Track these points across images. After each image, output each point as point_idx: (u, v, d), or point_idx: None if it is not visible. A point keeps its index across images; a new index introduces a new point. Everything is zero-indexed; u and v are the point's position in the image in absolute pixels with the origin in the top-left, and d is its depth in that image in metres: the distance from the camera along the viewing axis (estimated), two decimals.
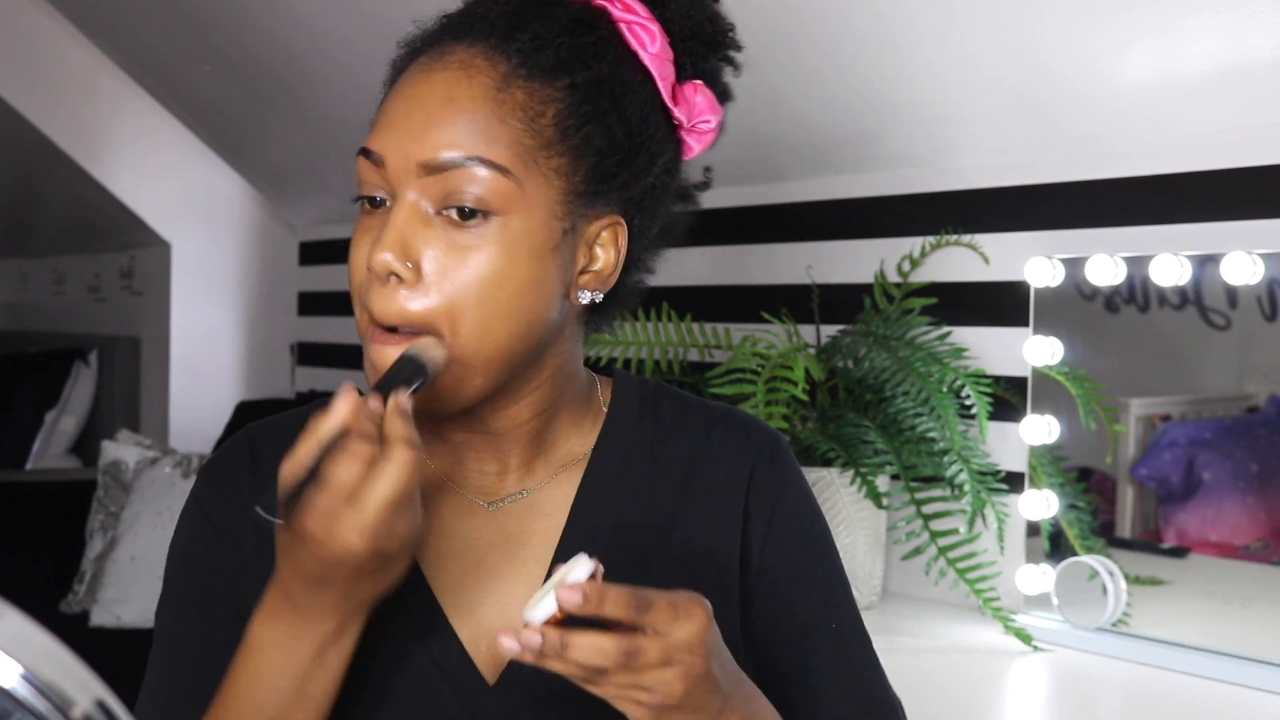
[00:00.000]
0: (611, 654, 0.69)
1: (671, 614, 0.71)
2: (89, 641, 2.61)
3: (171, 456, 2.91)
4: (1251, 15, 1.55)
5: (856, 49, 1.96)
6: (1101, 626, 1.80)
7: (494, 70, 0.81)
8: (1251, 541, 1.85)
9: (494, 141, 0.79)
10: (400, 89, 0.83)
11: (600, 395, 0.95)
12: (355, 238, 0.84)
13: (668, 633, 0.71)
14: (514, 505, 0.90)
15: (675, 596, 0.72)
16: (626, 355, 2.20)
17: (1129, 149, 1.84)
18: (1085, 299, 1.92)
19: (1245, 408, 1.91)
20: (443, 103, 0.80)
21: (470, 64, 0.81)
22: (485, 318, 0.80)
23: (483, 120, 0.79)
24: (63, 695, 0.47)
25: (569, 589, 0.68)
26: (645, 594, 0.70)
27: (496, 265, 0.79)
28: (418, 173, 0.79)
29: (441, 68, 0.81)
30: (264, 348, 4.00)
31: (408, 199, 0.80)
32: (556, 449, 0.91)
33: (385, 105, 0.84)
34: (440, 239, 0.79)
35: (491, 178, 0.79)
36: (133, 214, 3.78)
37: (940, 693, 1.64)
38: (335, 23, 2.69)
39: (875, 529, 1.97)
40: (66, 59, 3.59)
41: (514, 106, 0.80)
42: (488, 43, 0.82)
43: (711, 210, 1.03)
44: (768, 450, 0.95)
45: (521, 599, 0.86)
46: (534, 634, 0.68)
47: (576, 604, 0.68)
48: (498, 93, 0.80)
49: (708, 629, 0.72)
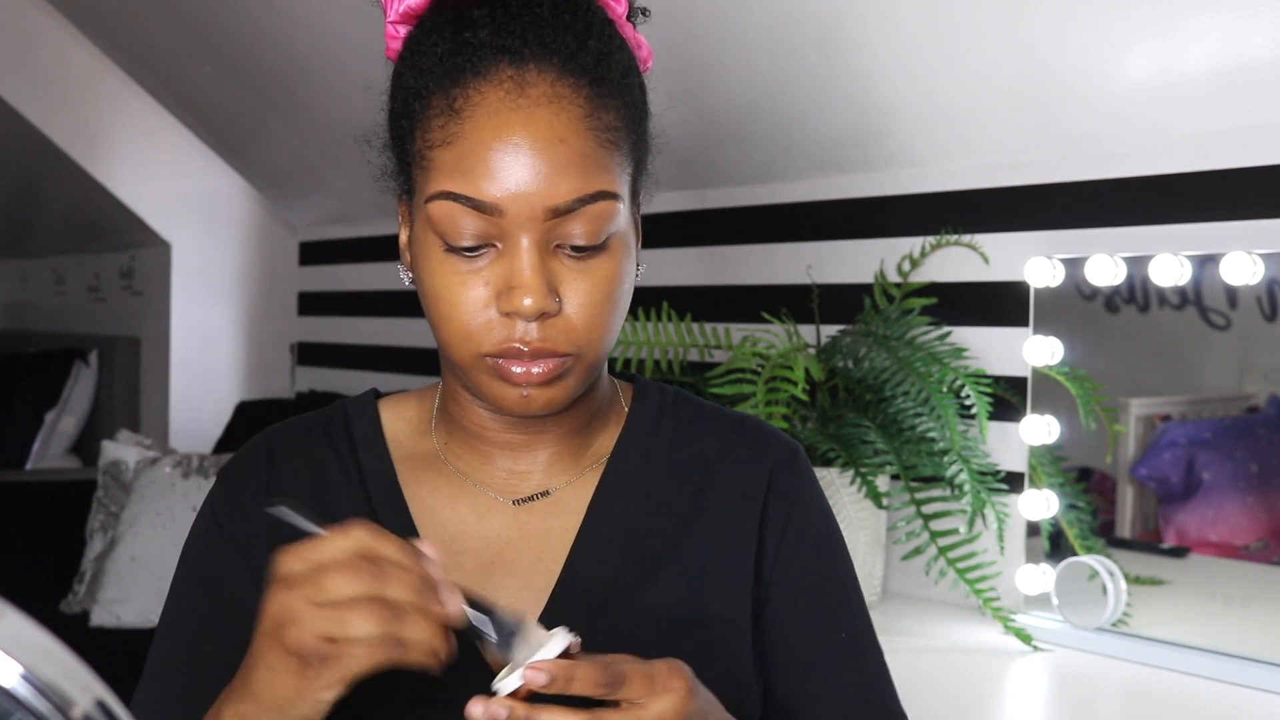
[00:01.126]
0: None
1: (647, 687, 0.70)
2: (89, 641, 2.61)
3: (171, 456, 2.91)
4: (1251, 15, 1.55)
5: (856, 49, 1.96)
6: (1101, 626, 1.80)
7: (579, 96, 0.81)
8: (1251, 541, 1.85)
9: (603, 170, 0.81)
10: (491, 126, 0.79)
11: (621, 398, 0.97)
12: (454, 279, 0.82)
13: (643, 707, 0.70)
14: (538, 504, 0.91)
15: (652, 668, 0.71)
16: (626, 355, 2.20)
17: (1129, 149, 1.84)
18: (1085, 299, 1.92)
19: (1245, 408, 1.91)
20: (553, 143, 0.79)
21: (557, 96, 0.80)
22: (614, 325, 0.85)
23: (590, 153, 0.80)
24: (63, 695, 0.47)
25: (535, 668, 0.68)
26: (618, 668, 0.70)
27: (618, 281, 0.84)
28: (544, 216, 0.79)
29: (530, 104, 0.79)
30: (264, 348, 4.00)
31: (534, 242, 0.80)
32: (584, 450, 0.93)
33: (473, 149, 0.80)
34: (571, 270, 0.82)
35: (608, 208, 0.81)
36: (133, 214, 3.78)
37: (940, 693, 1.64)
38: (335, 23, 2.69)
39: (875, 529, 1.97)
40: (66, 59, 3.59)
41: (603, 129, 0.82)
42: (551, 62, 0.80)
43: (711, 210, 1.03)
44: (786, 458, 0.96)
45: (531, 597, 0.88)
46: (500, 707, 0.68)
47: (541, 683, 0.68)
48: (590, 119, 0.81)
49: (686, 700, 0.71)
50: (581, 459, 0.93)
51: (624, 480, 0.92)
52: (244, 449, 0.95)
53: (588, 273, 0.82)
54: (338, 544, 0.69)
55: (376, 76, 0.91)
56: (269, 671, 0.70)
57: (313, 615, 0.68)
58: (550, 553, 0.90)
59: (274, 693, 0.70)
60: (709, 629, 0.89)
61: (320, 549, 0.69)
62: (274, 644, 0.69)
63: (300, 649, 0.68)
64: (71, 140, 3.61)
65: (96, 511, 2.97)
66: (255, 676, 0.71)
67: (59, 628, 1.95)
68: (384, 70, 0.90)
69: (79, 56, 3.60)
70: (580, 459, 0.93)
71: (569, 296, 0.81)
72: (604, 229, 0.81)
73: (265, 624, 0.70)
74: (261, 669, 0.71)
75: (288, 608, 0.69)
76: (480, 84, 0.80)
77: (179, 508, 2.79)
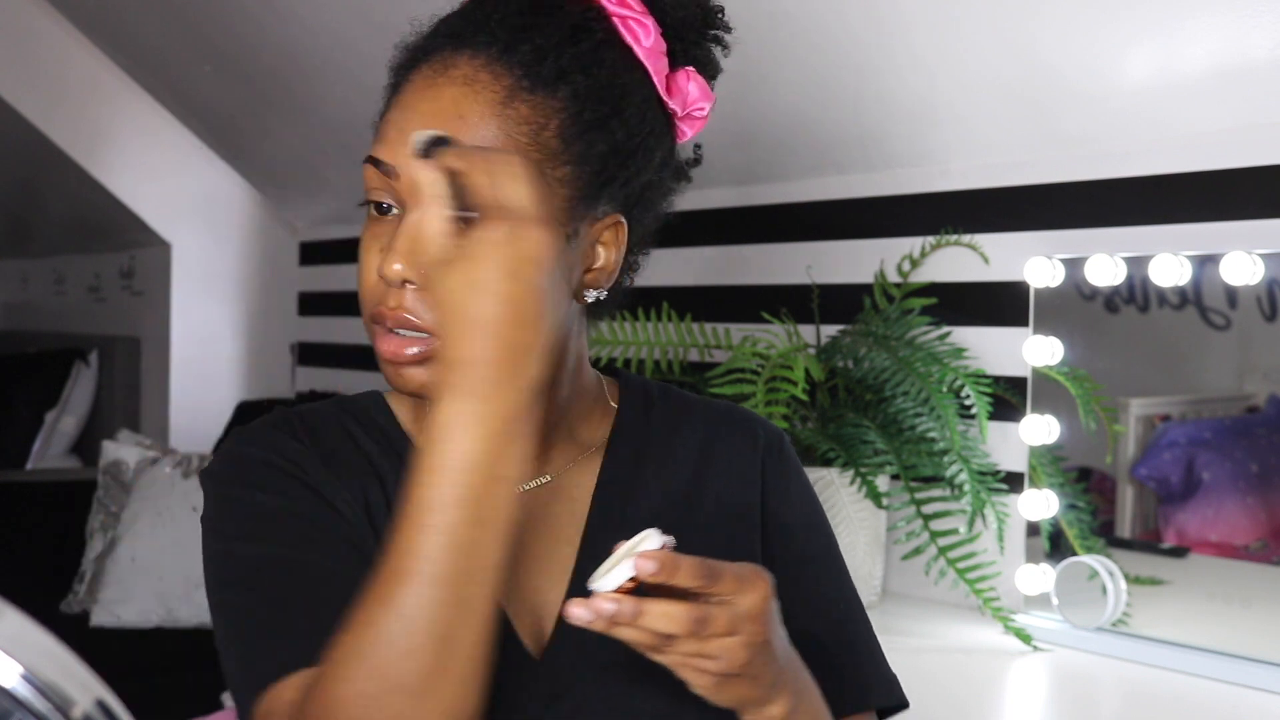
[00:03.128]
0: (683, 621, 0.70)
1: (737, 584, 0.73)
2: (89, 641, 2.60)
3: (172, 457, 2.91)
4: (1251, 15, 1.55)
5: (856, 49, 1.96)
6: (1101, 626, 1.80)
7: (498, 84, 0.82)
8: (1251, 541, 1.85)
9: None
10: (407, 101, 0.84)
11: (608, 392, 0.99)
12: (365, 243, 0.86)
13: (734, 602, 0.73)
14: (538, 491, 0.92)
15: (740, 568, 0.74)
16: (626, 355, 2.20)
17: (1129, 149, 1.83)
18: (1085, 299, 1.92)
19: (1245, 408, 1.91)
20: (451, 118, 0.81)
21: (475, 78, 0.82)
22: None
23: (490, 136, 0.81)
24: (63, 695, 0.47)
25: (646, 557, 0.70)
26: (714, 565, 0.72)
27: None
28: None
29: (447, 82, 0.82)
30: (264, 348, 4.00)
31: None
32: (571, 439, 0.94)
33: (391, 116, 0.84)
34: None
35: None
36: (133, 214, 3.78)
37: (940, 693, 1.64)
38: (335, 23, 2.69)
39: (875, 529, 1.97)
40: (66, 59, 3.59)
41: (519, 121, 0.82)
42: (489, 54, 0.83)
43: (712, 210, 1.04)
44: (775, 442, 1.00)
45: (551, 579, 0.89)
46: (606, 601, 0.69)
47: (652, 571, 0.70)
48: (503, 108, 0.82)
49: (769, 600, 0.75)
50: (570, 447, 0.94)
51: (624, 466, 0.94)
52: (265, 419, 0.91)
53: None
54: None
55: (377, 77, 0.91)
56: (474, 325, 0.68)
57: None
58: (563, 535, 0.91)
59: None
60: None
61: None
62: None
63: None
64: (71, 140, 3.61)
65: (97, 511, 2.97)
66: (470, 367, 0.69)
67: (59, 628, 1.95)
68: (383, 70, 0.90)
69: (79, 57, 3.60)
70: (569, 447, 0.94)
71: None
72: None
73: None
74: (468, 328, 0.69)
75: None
76: (420, 65, 0.85)
77: (179, 508, 2.79)
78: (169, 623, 2.73)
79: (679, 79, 0.92)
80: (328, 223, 3.81)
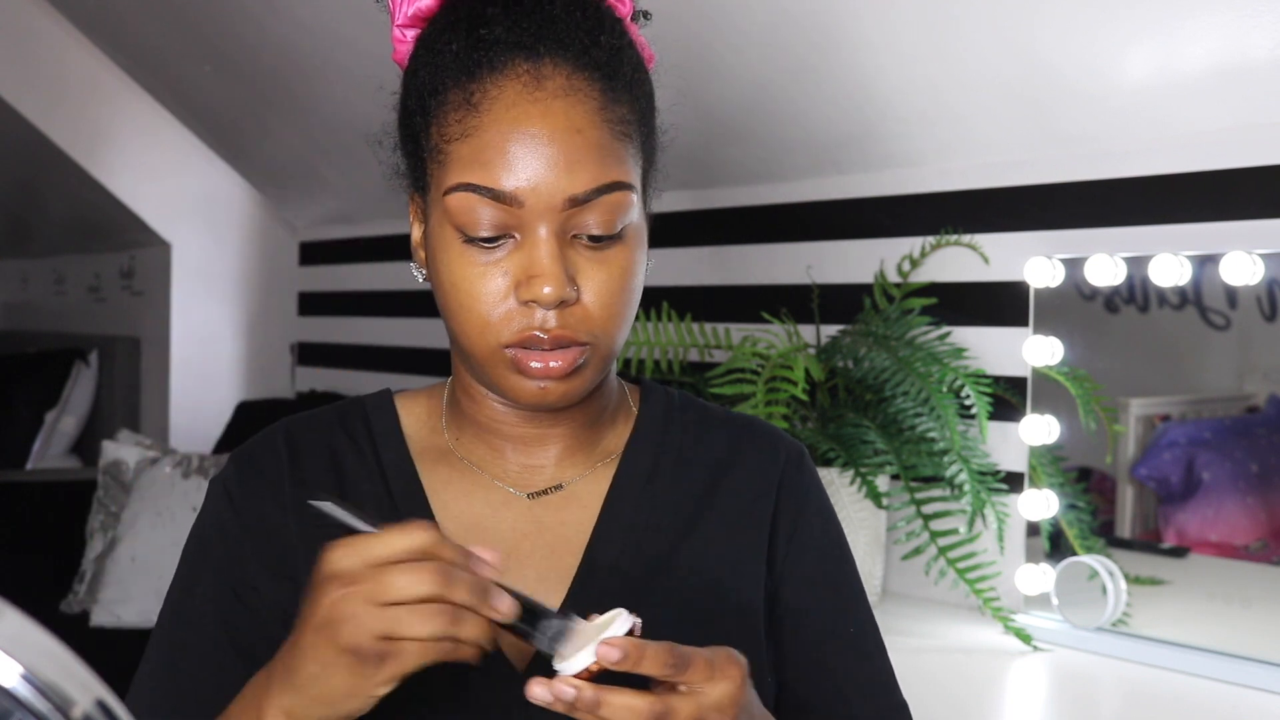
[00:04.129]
0: (644, 713, 0.68)
1: (708, 673, 0.71)
2: (89, 641, 2.60)
3: (172, 456, 2.91)
4: (1251, 15, 1.55)
5: (856, 49, 1.96)
6: (1101, 626, 1.80)
7: (594, 89, 0.82)
8: (1251, 541, 1.85)
9: (619, 162, 0.82)
10: (510, 119, 0.80)
11: (629, 398, 0.99)
12: (473, 271, 0.82)
13: (701, 692, 0.71)
14: (551, 497, 0.92)
15: (714, 654, 0.72)
16: (627, 355, 2.20)
17: (1129, 149, 1.84)
18: (1085, 299, 1.92)
19: (1245, 408, 1.91)
20: (571, 134, 0.80)
21: (573, 88, 0.81)
22: (626, 320, 0.86)
23: (606, 144, 0.82)
24: (63, 695, 0.47)
25: (609, 645, 0.68)
26: (683, 652, 0.70)
27: (632, 271, 0.85)
28: (562, 206, 0.80)
29: (547, 95, 0.81)
30: (264, 348, 4.00)
31: (552, 231, 0.81)
32: (594, 446, 0.94)
33: (491, 141, 0.80)
34: (588, 259, 0.83)
35: (623, 198, 0.82)
36: (133, 214, 3.78)
37: (940, 693, 1.64)
38: (335, 23, 2.69)
39: (875, 529, 1.97)
40: (66, 59, 3.59)
41: (617, 122, 0.83)
42: (565, 57, 0.82)
43: (712, 210, 1.04)
44: (795, 459, 0.98)
45: (547, 589, 0.88)
46: (567, 686, 0.68)
47: (614, 660, 0.68)
48: (604, 112, 0.82)
49: (741, 689, 0.72)
50: (592, 454, 0.94)
51: (637, 475, 0.93)
52: (261, 436, 0.94)
53: (604, 262, 0.83)
54: (399, 543, 0.69)
55: (379, 76, 0.91)
56: (321, 667, 0.70)
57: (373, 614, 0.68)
58: (566, 545, 0.90)
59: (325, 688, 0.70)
60: (725, 622, 0.91)
61: (378, 547, 0.69)
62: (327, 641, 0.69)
63: (358, 648, 0.68)
64: (71, 140, 3.61)
65: (96, 511, 2.97)
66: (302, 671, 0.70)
67: (59, 628, 1.95)
68: (384, 70, 0.90)
69: (79, 57, 3.60)
70: (591, 454, 0.94)
71: (586, 286, 0.82)
72: (619, 219, 0.82)
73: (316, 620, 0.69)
74: (311, 664, 0.70)
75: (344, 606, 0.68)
76: (497, 78, 0.81)
77: (179, 508, 2.79)
78: None
79: (643, 41, 0.92)
80: (328, 223, 3.81)
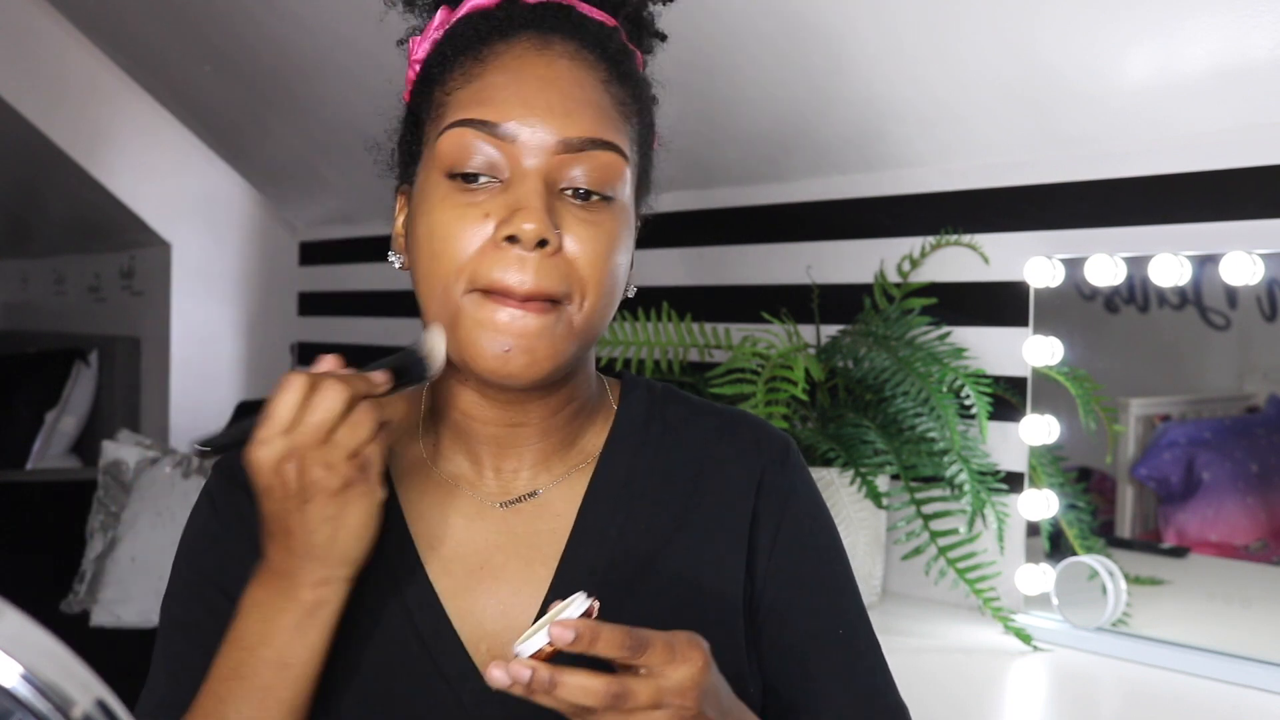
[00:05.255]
0: (600, 694, 0.68)
1: (668, 655, 0.71)
2: (89, 641, 2.61)
3: (171, 456, 2.91)
4: (1251, 15, 1.55)
5: (856, 49, 1.96)
6: (1101, 626, 1.80)
7: (600, 66, 0.84)
8: (1251, 541, 1.85)
9: (618, 130, 0.83)
10: (514, 66, 0.82)
11: (609, 395, 0.96)
12: (453, 213, 0.81)
13: (661, 675, 0.70)
14: (525, 505, 0.90)
15: (673, 637, 0.72)
16: (626, 355, 2.20)
17: (1129, 149, 1.84)
18: (1085, 299, 1.92)
19: (1245, 408, 1.91)
20: (572, 85, 0.82)
21: (580, 57, 0.83)
22: (606, 293, 0.83)
23: (606, 108, 0.83)
24: (63, 695, 0.47)
25: (562, 625, 0.68)
26: (641, 634, 0.70)
27: (618, 244, 0.83)
28: (555, 149, 0.80)
29: (555, 55, 0.83)
30: (264, 348, 4.00)
31: (539, 174, 0.80)
32: (571, 447, 0.92)
33: (495, 81, 0.82)
34: (574, 214, 0.82)
35: (616, 162, 0.82)
36: (133, 214, 3.78)
37: (940, 693, 1.64)
38: (335, 23, 2.69)
39: (875, 529, 1.97)
40: (66, 59, 3.59)
41: (618, 102, 0.84)
42: (575, 37, 0.84)
43: (712, 210, 1.04)
44: (778, 454, 0.95)
45: (525, 600, 0.87)
46: (523, 668, 0.68)
47: (568, 641, 0.68)
48: (607, 85, 0.84)
49: (703, 672, 0.72)
50: (568, 457, 0.92)
51: (613, 482, 0.91)
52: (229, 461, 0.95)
53: (591, 221, 0.82)
54: (285, 402, 0.75)
55: (377, 77, 0.91)
56: (331, 525, 0.76)
57: (325, 454, 0.75)
58: (539, 556, 0.89)
59: (346, 535, 0.77)
60: (702, 628, 0.88)
61: (276, 421, 0.75)
62: (319, 504, 0.75)
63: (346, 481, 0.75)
64: (71, 140, 3.61)
65: (97, 511, 2.97)
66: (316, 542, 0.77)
67: (59, 628, 1.95)
68: (384, 71, 0.90)
69: (79, 57, 3.60)
70: (567, 457, 0.92)
71: (570, 238, 0.81)
72: (610, 181, 0.82)
73: (292, 503, 0.75)
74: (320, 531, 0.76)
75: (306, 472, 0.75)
76: (508, 43, 0.84)
77: (179, 508, 2.79)
78: None
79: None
80: (328, 223, 3.81)
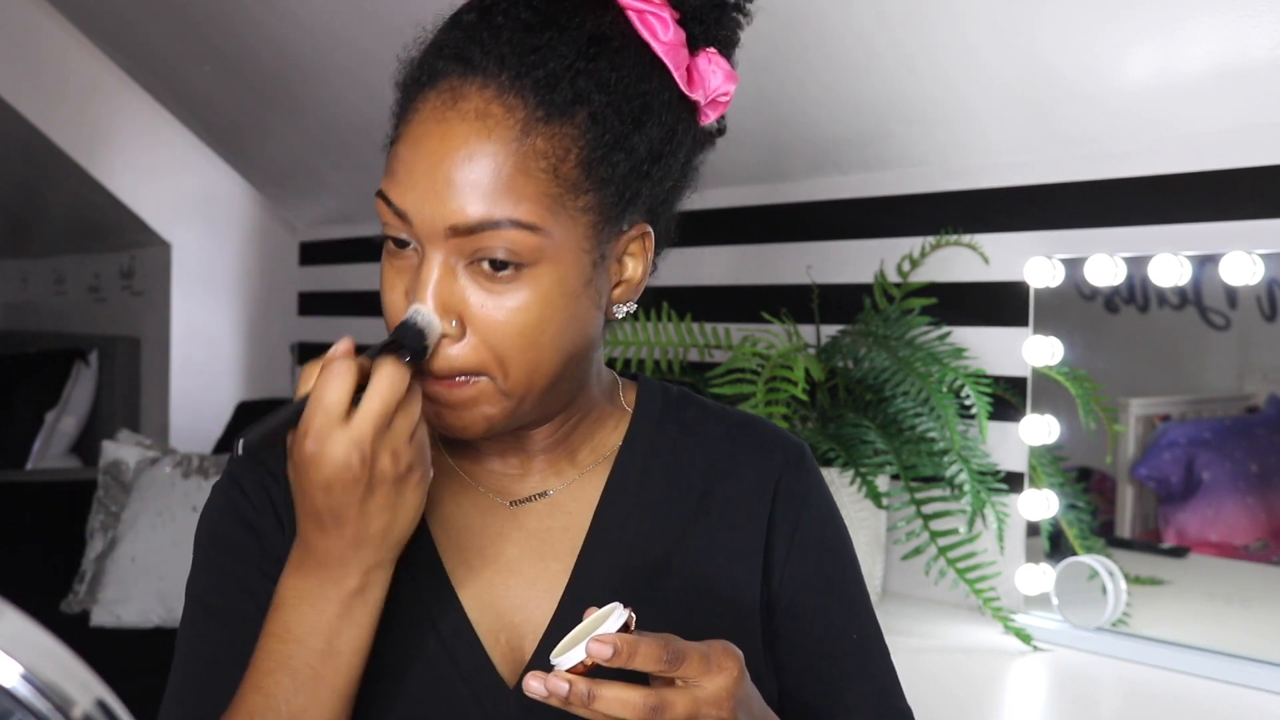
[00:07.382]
0: (638, 707, 0.69)
1: (704, 666, 0.71)
2: (89, 641, 2.60)
3: (172, 456, 2.91)
4: (1251, 15, 1.55)
5: (857, 49, 1.96)
6: (1101, 626, 1.80)
7: (512, 118, 0.77)
8: (1251, 541, 1.85)
9: (520, 199, 0.76)
10: (416, 139, 0.79)
11: (624, 397, 0.95)
12: (387, 276, 0.82)
13: (697, 685, 0.71)
14: (535, 505, 0.90)
15: (708, 648, 0.72)
16: (626, 355, 2.20)
17: (1129, 149, 1.84)
18: (1085, 299, 1.92)
19: (1245, 408, 1.91)
20: (463, 161, 0.76)
21: (487, 112, 0.77)
22: (532, 360, 0.79)
23: (506, 176, 0.76)
24: (63, 695, 0.47)
25: (600, 641, 0.69)
26: (678, 646, 0.70)
27: (535, 313, 0.78)
28: (445, 234, 0.77)
29: (457, 116, 0.77)
30: (264, 348, 4.00)
31: (437, 257, 0.78)
32: (581, 452, 0.91)
33: (400, 152, 0.79)
34: (476, 291, 0.78)
35: (521, 236, 0.77)
36: (133, 214, 3.78)
37: (940, 693, 1.64)
38: (335, 23, 2.69)
39: (875, 529, 1.97)
40: (66, 59, 3.59)
41: (536, 156, 0.77)
42: (499, 82, 0.77)
43: (712, 210, 1.03)
44: (794, 459, 0.94)
45: (537, 599, 0.87)
46: (561, 681, 0.68)
47: (606, 657, 0.68)
48: (518, 144, 0.76)
49: (738, 682, 0.72)
50: (579, 460, 0.91)
51: (629, 482, 0.91)
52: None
53: (500, 295, 0.78)
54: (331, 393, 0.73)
55: (376, 76, 0.91)
56: (390, 512, 0.76)
57: (388, 439, 0.74)
58: (553, 552, 0.88)
59: (403, 522, 0.76)
60: (718, 630, 0.88)
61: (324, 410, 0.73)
62: (384, 492, 0.75)
63: (415, 459, 0.75)
64: (71, 140, 3.61)
65: (97, 511, 2.97)
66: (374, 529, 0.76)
67: (59, 628, 1.95)
68: (384, 71, 0.90)
69: (79, 57, 3.60)
70: (577, 460, 0.91)
71: (476, 317, 0.78)
72: (519, 253, 0.77)
73: (360, 491, 0.74)
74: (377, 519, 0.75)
75: (378, 461, 0.74)
76: (426, 91, 0.79)
77: (179, 508, 2.79)
78: (169, 623, 2.73)
79: (700, 66, 0.86)
80: (328, 223, 3.81)
